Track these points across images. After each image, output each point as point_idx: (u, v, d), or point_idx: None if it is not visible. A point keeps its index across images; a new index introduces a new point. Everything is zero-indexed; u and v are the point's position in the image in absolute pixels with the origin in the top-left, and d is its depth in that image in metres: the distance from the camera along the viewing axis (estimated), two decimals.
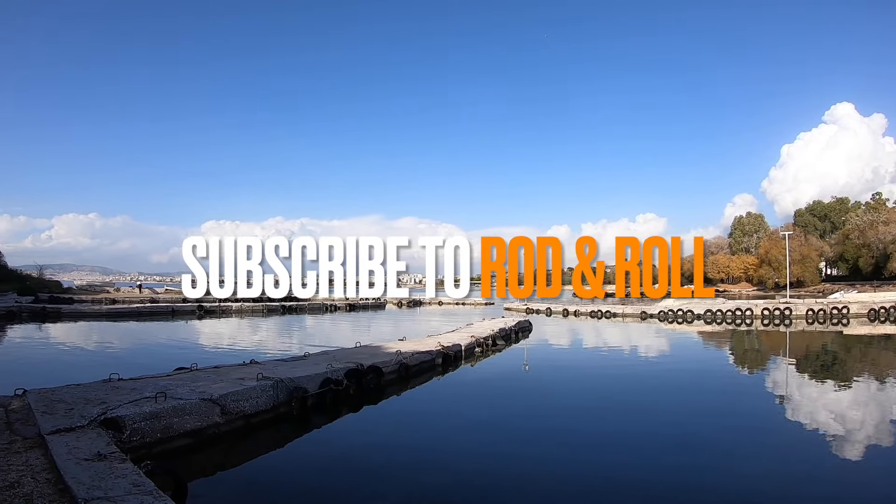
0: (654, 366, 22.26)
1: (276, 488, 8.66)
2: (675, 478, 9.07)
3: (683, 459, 10.01)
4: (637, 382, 17.86)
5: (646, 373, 20.24)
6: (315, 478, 9.20)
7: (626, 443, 11.02)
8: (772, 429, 12.54)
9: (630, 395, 16.03)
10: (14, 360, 22.29)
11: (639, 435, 11.57)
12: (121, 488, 5.74)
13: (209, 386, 11.62)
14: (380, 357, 16.86)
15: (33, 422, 8.70)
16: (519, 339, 29.50)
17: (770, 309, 47.99)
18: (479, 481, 8.91)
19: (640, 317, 47.93)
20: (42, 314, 43.23)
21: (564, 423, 12.67)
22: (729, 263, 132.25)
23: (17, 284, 71.97)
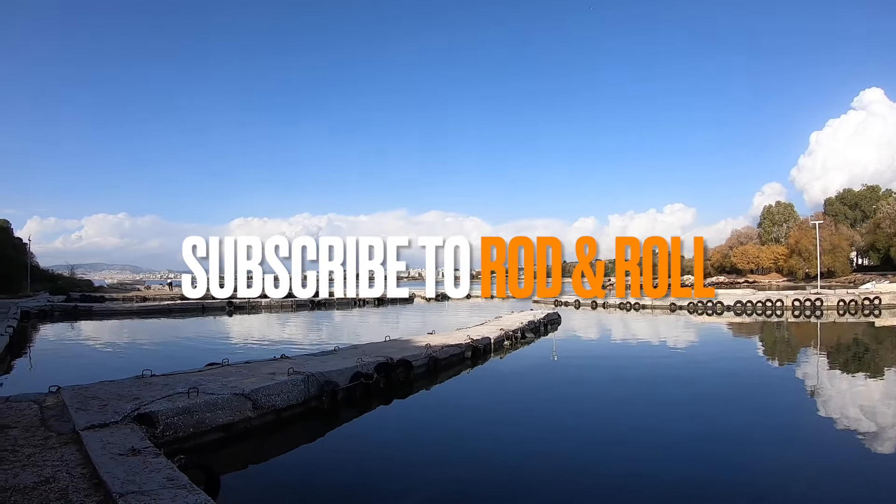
0: (683, 358, 21.97)
1: (306, 482, 8.72)
2: (703, 472, 8.98)
3: (712, 454, 9.88)
4: (666, 375, 17.60)
5: (675, 365, 19.97)
6: (345, 471, 9.23)
7: (654, 437, 10.89)
8: (802, 423, 12.36)
9: (659, 387, 15.83)
10: (48, 358, 22.58)
11: (667, 429, 11.42)
12: (155, 482, 5.81)
13: (240, 381, 11.72)
14: (409, 351, 16.91)
15: (68, 418, 8.81)
16: (548, 332, 29.37)
17: (800, 300, 47.43)
18: (510, 475, 8.89)
19: (670, 308, 47.47)
20: (74, 313, 43.84)
21: (594, 417, 12.61)
22: (758, 254, 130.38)
23: (49, 284, 73.03)
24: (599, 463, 9.44)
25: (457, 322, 34.93)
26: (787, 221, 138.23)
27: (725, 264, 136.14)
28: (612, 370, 18.74)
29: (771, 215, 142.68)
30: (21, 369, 19.77)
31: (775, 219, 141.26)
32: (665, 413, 12.76)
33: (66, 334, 32.42)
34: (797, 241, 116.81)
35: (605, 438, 10.89)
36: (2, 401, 10.42)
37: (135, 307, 47.49)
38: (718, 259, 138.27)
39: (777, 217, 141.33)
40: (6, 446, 7.31)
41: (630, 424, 11.92)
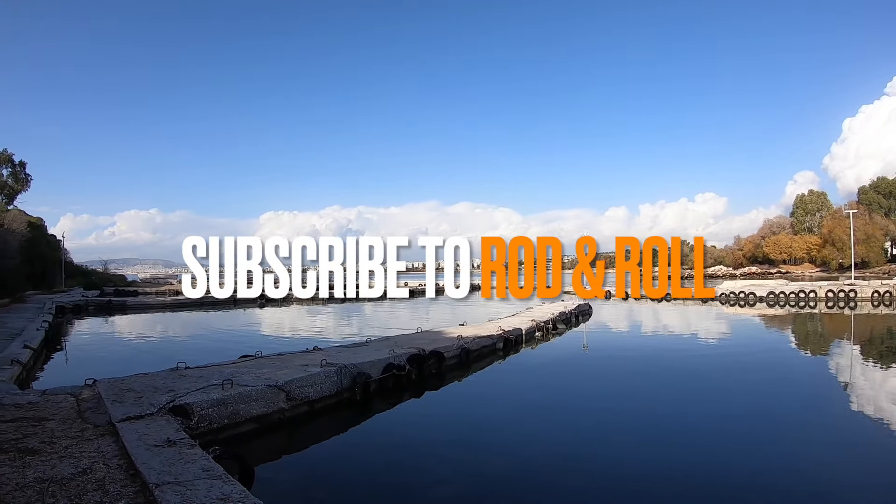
0: (714, 350, 21.64)
1: (339, 472, 8.73)
2: (732, 466, 8.83)
3: (740, 448, 9.71)
4: (697, 367, 17.38)
5: (706, 357, 19.71)
6: (377, 462, 9.22)
7: (686, 431, 10.74)
8: (834, 417, 12.12)
9: (690, 380, 15.66)
10: (83, 352, 22.85)
11: (700, 424, 11.27)
12: (190, 473, 5.82)
13: (274, 373, 11.77)
14: (441, 342, 16.88)
15: (104, 410, 8.88)
16: (579, 323, 29.31)
17: (834, 291, 46.58)
18: (541, 466, 8.82)
19: (701, 300, 47.08)
20: (108, 307, 44.32)
21: (625, 409, 12.41)
22: (791, 244, 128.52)
23: (82, 280, 74.07)
24: (631, 456, 9.29)
25: (487, 313, 34.84)
26: (819, 211, 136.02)
27: (758, 254, 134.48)
28: (643, 362, 18.54)
29: (804, 204, 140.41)
30: (57, 363, 20.03)
31: (808, 208, 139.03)
32: (696, 407, 12.58)
33: (101, 328, 32.82)
34: (830, 231, 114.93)
35: (636, 430, 10.75)
36: (39, 394, 10.56)
37: (168, 301, 47.94)
38: (751, 249, 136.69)
39: (810, 206, 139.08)
40: (44, 438, 7.37)
41: (662, 416, 11.73)
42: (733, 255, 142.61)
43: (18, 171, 68.97)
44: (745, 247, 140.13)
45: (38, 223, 64.66)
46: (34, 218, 63.39)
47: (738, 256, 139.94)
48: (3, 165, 67.17)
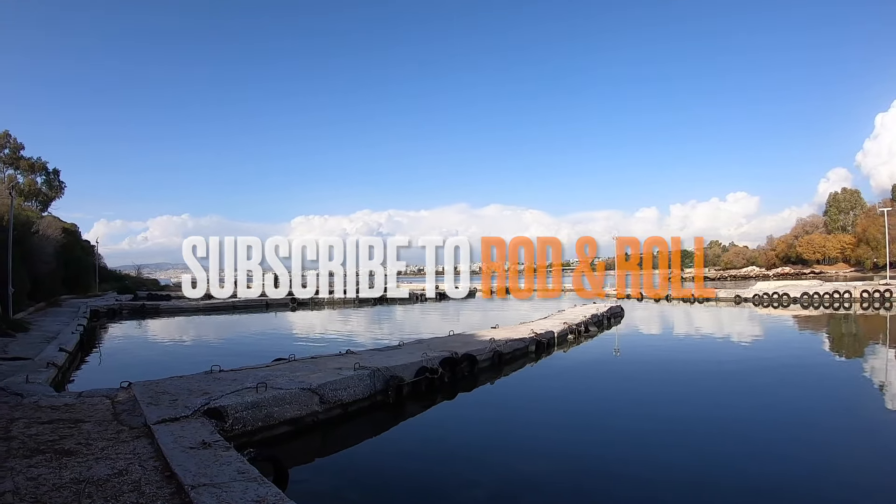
0: (747, 353, 21.19)
1: (372, 474, 8.71)
2: (767, 471, 8.64)
3: (774, 454, 9.46)
4: (730, 371, 17.01)
5: (740, 360, 19.31)
6: (410, 465, 9.19)
7: (718, 437, 10.50)
8: (870, 420, 11.88)
9: (723, 383, 15.30)
10: (117, 355, 23.07)
11: (732, 429, 11.03)
12: (226, 475, 5.81)
13: (308, 376, 11.80)
14: (473, 345, 16.82)
15: (139, 412, 8.93)
16: (611, 326, 29.04)
17: (869, 291, 45.71)
18: (574, 470, 8.73)
19: (735, 301, 46.50)
20: (141, 311, 44.78)
21: (658, 413, 12.18)
22: (825, 243, 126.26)
23: (116, 284, 74.94)
24: (664, 462, 9.13)
25: (519, 315, 34.76)
26: (853, 209, 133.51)
27: (791, 255, 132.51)
28: (676, 366, 18.21)
29: (836, 202, 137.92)
30: (92, 366, 20.21)
31: (841, 206, 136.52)
32: (729, 412, 12.24)
33: (135, 332, 33.17)
34: (864, 230, 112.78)
35: (669, 437, 10.56)
36: (75, 396, 10.66)
37: (201, 304, 48.27)
38: (783, 249, 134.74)
39: (843, 204, 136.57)
40: (80, 440, 7.41)
41: (695, 422, 11.48)
42: (766, 255, 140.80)
43: (52, 178, 70.07)
44: (777, 247, 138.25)
45: (73, 229, 65.60)
46: (68, 224, 64.30)
47: (771, 257, 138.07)
48: (37, 173, 68.26)
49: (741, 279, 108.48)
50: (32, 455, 6.74)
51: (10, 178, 62.30)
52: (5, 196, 37.83)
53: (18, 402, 10.13)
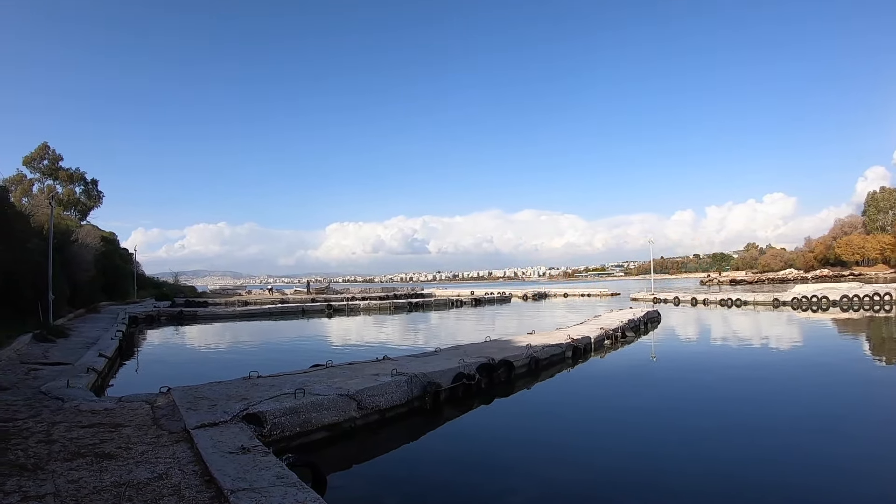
0: (787, 358, 20.66)
1: (410, 480, 8.65)
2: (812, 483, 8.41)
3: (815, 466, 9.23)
4: (770, 378, 16.55)
5: (779, 366, 18.85)
6: (448, 471, 9.10)
7: (759, 445, 10.22)
8: None
9: (762, 390, 14.85)
10: (156, 361, 23.31)
11: (772, 437, 10.77)
12: (265, 480, 5.81)
13: (345, 382, 11.79)
14: (510, 351, 16.70)
15: (179, 417, 8.96)
16: (648, 331, 28.70)
17: None
18: (612, 478, 8.58)
19: (773, 305, 45.81)
20: (179, 317, 45.23)
21: (696, 422, 11.88)
22: (864, 244, 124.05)
23: (154, 291, 76.20)
24: (703, 471, 8.93)
25: (555, 321, 34.58)
26: (892, 208, 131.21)
27: (829, 256, 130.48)
28: (714, 372, 17.75)
29: (875, 202, 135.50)
30: (130, 371, 20.42)
31: (880, 205, 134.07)
32: (769, 423, 11.91)
33: (172, 337, 33.49)
34: None
35: (707, 443, 10.32)
36: (115, 400, 10.75)
37: (237, 311, 48.73)
38: (822, 251, 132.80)
39: (882, 203, 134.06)
40: (120, 444, 7.45)
41: (734, 431, 11.14)
42: (804, 257, 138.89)
43: (90, 188, 71.42)
44: (815, 248, 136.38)
45: (111, 237, 66.71)
46: (107, 232, 65.42)
47: (809, 259, 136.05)
48: (76, 183, 69.52)
49: (779, 282, 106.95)
50: (73, 458, 6.78)
51: (49, 189, 63.50)
52: (45, 206, 38.49)
53: (59, 406, 10.23)
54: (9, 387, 12.45)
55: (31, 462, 6.68)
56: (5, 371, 14.74)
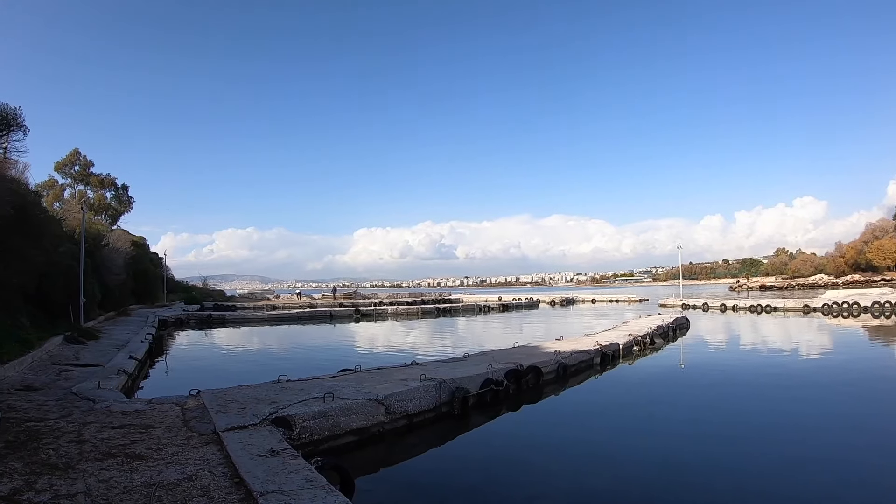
0: (819, 366, 20.21)
1: (438, 485, 8.63)
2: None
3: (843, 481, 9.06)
4: (802, 387, 16.10)
5: (811, 375, 18.39)
6: (476, 476, 9.05)
7: (791, 457, 10.01)
8: None
9: (794, 401, 14.38)
10: (186, 363, 23.52)
11: (804, 449, 10.56)
12: (294, 483, 5.81)
13: (374, 386, 11.79)
14: (538, 357, 16.60)
15: (208, 420, 9.00)
16: (677, 337, 28.42)
17: None
18: (641, 487, 8.44)
19: (803, 311, 45.19)
20: (208, 321, 45.72)
21: (726, 431, 11.69)
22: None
23: (183, 294, 76.90)
24: (728, 482, 8.78)
25: (582, 327, 34.40)
26: None
27: (860, 261, 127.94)
28: (743, 379, 17.40)
29: None
30: (160, 373, 20.63)
31: None
32: (797, 434, 11.64)
33: (201, 341, 33.81)
34: None
35: (737, 456, 10.15)
36: (145, 402, 10.83)
37: (266, 315, 49.01)
38: (853, 256, 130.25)
39: None
40: (150, 444, 7.48)
41: (763, 440, 10.94)
42: (834, 262, 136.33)
43: (121, 193, 72.16)
44: (846, 253, 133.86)
45: (141, 242, 67.38)
46: (137, 237, 66.09)
47: (840, 264, 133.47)
48: (107, 188, 70.25)
49: (809, 288, 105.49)
50: (104, 458, 6.81)
51: (80, 194, 64.24)
52: (77, 210, 38.96)
53: (90, 407, 10.32)
54: (40, 387, 12.58)
55: (63, 461, 6.73)
56: (37, 372, 14.92)
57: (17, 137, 16.38)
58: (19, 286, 22.05)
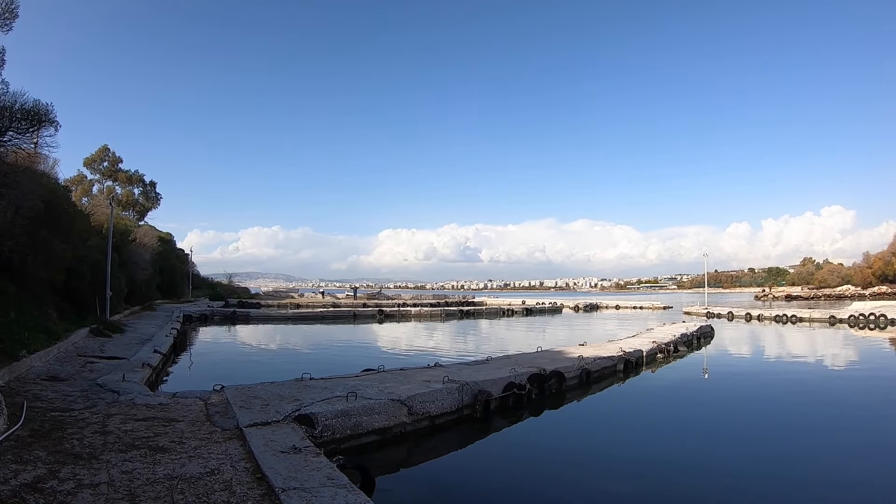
0: (844, 378, 20.00)
1: (458, 488, 8.58)
2: None
3: None
4: (827, 401, 15.77)
5: (836, 388, 18.03)
6: (496, 480, 9.00)
7: (813, 469, 9.92)
8: None
9: (818, 414, 14.13)
10: (209, 359, 23.66)
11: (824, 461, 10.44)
12: (315, 480, 5.81)
13: (397, 387, 11.78)
14: (561, 362, 16.51)
15: (231, 415, 9.02)
16: (701, 346, 28.15)
17: None
18: (662, 493, 8.37)
19: (829, 322, 44.51)
20: (232, 317, 46.10)
21: (749, 443, 11.52)
22: None
23: (208, 291, 77.56)
24: (754, 491, 8.66)
25: (605, 333, 34.19)
26: None
27: (888, 272, 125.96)
28: (767, 390, 17.22)
29: None
30: (184, 368, 20.74)
31: None
32: (818, 444, 11.51)
33: (225, 337, 34.06)
34: None
35: (760, 466, 10.03)
36: (169, 396, 10.89)
37: (290, 313, 49.27)
38: (880, 266, 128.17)
39: None
40: (174, 438, 7.51)
41: (785, 452, 10.78)
42: (861, 273, 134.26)
43: (149, 189, 72.89)
44: (874, 264, 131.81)
45: (168, 238, 68.01)
46: (164, 233, 66.72)
47: (867, 275, 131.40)
48: (135, 185, 70.96)
49: (835, 298, 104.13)
50: (127, 450, 6.85)
51: (108, 190, 64.92)
52: (105, 206, 39.34)
53: (115, 399, 10.40)
54: (66, 378, 12.69)
55: (87, 451, 6.77)
56: (63, 363, 15.05)
57: (49, 133, 16.55)
58: (47, 279, 22.29)
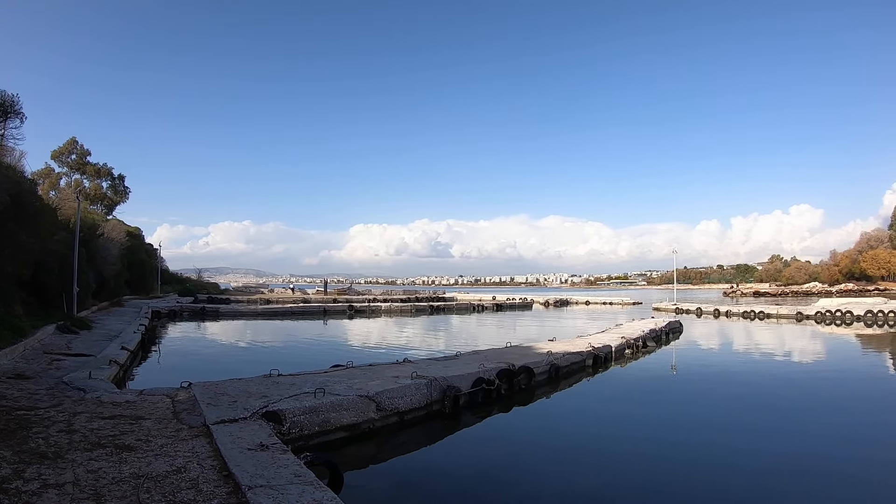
0: (810, 373, 20.15)
1: (427, 483, 8.64)
2: None
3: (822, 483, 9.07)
4: (791, 393, 16.16)
5: (801, 380, 18.53)
6: (466, 475, 9.06)
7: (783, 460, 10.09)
8: None
9: (784, 407, 14.37)
10: (178, 355, 23.51)
11: (794, 450, 10.62)
12: (283, 477, 5.81)
13: (365, 383, 11.80)
14: (530, 357, 16.61)
15: (199, 412, 9.01)
16: (669, 341, 28.46)
17: None
18: (632, 486, 8.50)
19: (796, 318, 45.12)
20: (201, 313, 45.72)
21: (715, 434, 11.70)
22: (890, 258, 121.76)
23: (177, 286, 76.96)
24: (721, 480, 8.82)
25: (575, 329, 34.43)
26: None
27: (854, 270, 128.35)
28: (733, 384, 17.37)
29: None
30: (152, 365, 20.59)
31: None
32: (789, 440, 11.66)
33: (194, 333, 33.77)
34: None
35: (726, 459, 10.16)
36: (136, 393, 10.83)
37: (259, 309, 49.04)
38: (847, 265, 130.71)
39: None
40: (140, 436, 7.49)
41: (751, 446, 10.93)
42: (828, 270, 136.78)
43: (117, 183, 72.22)
44: (840, 262, 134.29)
45: (137, 232, 67.35)
46: (132, 228, 66.07)
47: (834, 272, 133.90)
48: (103, 178, 70.21)
49: (803, 295, 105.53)
50: (93, 449, 6.82)
51: (76, 183, 64.20)
52: (72, 199, 38.90)
53: (81, 397, 10.33)
54: (32, 376, 12.58)
55: (52, 451, 6.73)
56: (28, 360, 14.90)
57: (14, 125, 16.40)
58: (13, 273, 22.02)
